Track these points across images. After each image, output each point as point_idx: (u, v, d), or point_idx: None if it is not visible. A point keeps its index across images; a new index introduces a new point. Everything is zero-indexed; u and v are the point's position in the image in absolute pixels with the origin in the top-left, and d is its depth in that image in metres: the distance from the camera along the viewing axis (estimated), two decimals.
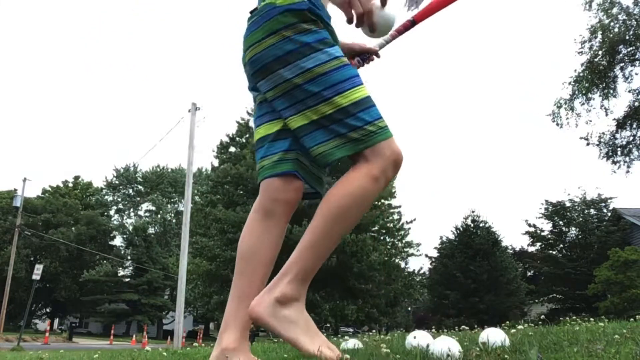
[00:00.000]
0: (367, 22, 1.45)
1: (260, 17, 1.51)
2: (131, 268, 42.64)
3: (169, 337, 26.80)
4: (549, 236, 26.82)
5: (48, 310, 44.70)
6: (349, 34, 1.74)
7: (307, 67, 1.44)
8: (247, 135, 23.99)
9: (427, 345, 1.55)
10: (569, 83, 17.05)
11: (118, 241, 47.26)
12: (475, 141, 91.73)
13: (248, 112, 24.94)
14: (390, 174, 1.44)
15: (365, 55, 2.01)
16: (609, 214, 24.76)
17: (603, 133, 17.53)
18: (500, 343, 1.64)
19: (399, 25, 1.94)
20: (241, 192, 22.12)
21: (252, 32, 1.52)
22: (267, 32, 1.48)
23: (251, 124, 25.03)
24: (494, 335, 1.68)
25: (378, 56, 1.97)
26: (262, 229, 1.55)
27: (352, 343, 1.92)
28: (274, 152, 1.56)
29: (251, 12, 1.57)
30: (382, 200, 23.58)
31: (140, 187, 50.53)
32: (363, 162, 1.42)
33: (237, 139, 24.37)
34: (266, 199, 1.57)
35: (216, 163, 24.40)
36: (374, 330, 12.45)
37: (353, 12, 1.43)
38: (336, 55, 1.47)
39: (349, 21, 1.46)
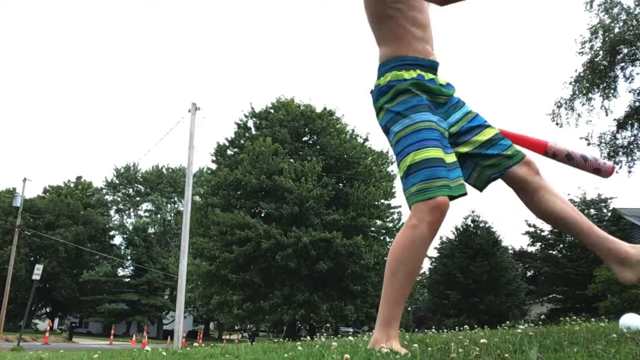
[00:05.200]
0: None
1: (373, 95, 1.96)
2: (131, 268, 42.62)
3: (169, 337, 26.77)
4: (549, 236, 26.78)
5: (48, 310, 44.68)
6: None
7: (394, 131, 1.82)
8: (246, 136, 23.86)
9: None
10: (570, 83, 17.02)
11: (118, 241, 47.28)
12: None
13: (245, 115, 24.85)
14: (428, 219, 1.70)
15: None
16: (609, 214, 24.72)
17: (604, 133, 17.48)
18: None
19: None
20: (238, 194, 22.10)
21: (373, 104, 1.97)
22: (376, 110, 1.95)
23: (249, 124, 24.96)
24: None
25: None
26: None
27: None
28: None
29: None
30: (382, 200, 23.56)
31: (140, 187, 50.49)
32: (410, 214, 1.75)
33: (236, 141, 24.21)
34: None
35: (214, 167, 24.27)
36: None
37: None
38: (416, 120, 1.78)
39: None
